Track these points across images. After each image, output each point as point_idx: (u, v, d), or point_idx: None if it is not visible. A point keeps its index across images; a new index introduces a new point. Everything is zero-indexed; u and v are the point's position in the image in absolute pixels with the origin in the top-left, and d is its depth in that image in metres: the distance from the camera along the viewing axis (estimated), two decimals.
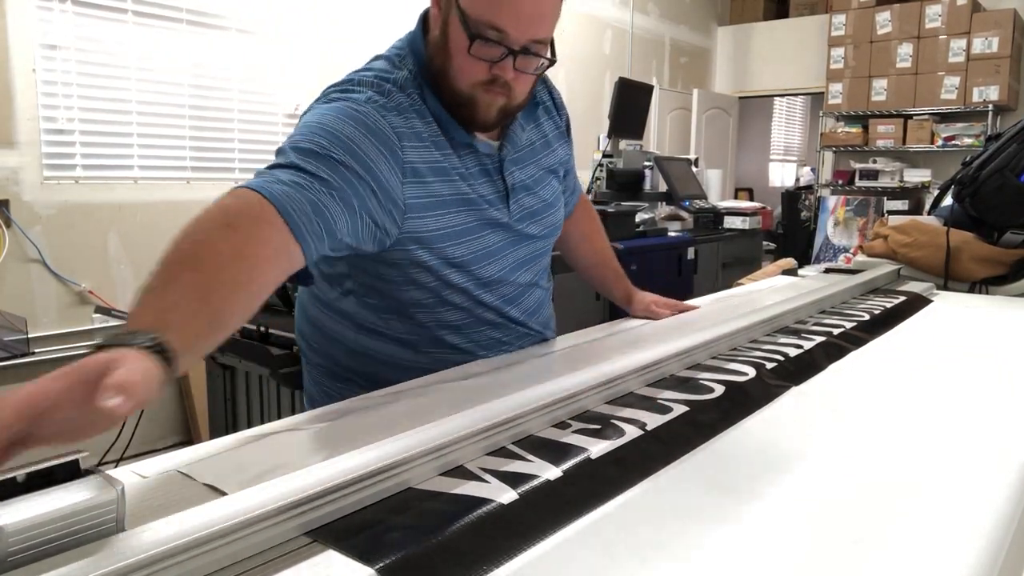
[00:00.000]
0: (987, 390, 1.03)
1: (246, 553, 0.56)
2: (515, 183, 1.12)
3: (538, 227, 1.16)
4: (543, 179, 1.17)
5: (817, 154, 6.90)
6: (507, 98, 1.02)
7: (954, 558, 0.57)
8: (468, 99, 1.01)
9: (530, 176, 1.15)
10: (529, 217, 1.14)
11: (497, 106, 1.02)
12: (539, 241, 1.18)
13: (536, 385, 0.87)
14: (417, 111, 1.01)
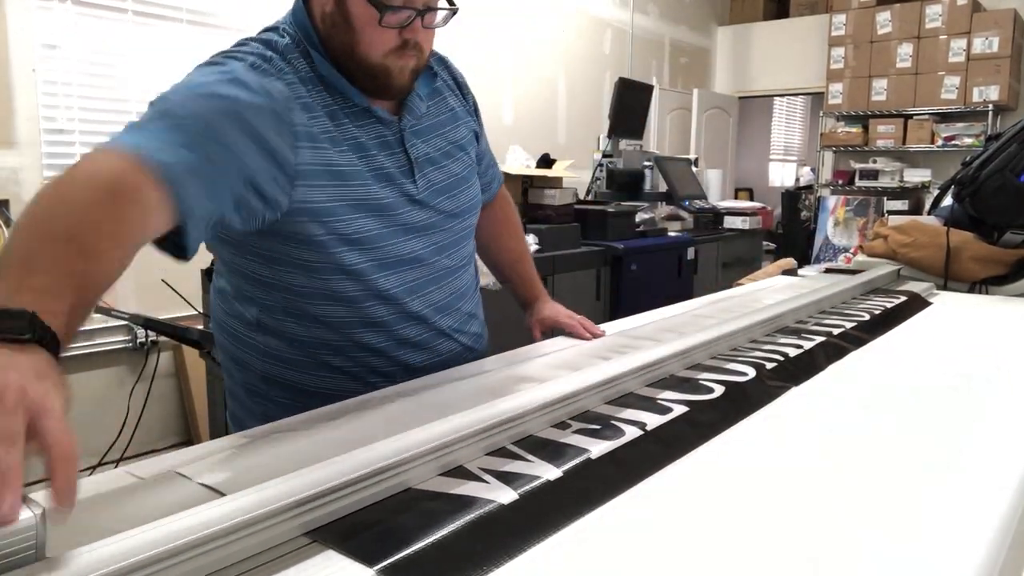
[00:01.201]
0: (987, 390, 1.03)
1: (246, 553, 0.56)
2: (419, 156, 1.06)
3: (452, 203, 1.10)
4: (452, 153, 1.12)
5: (817, 154, 6.90)
6: (417, 59, 1.02)
7: (954, 558, 0.57)
8: (382, 69, 0.99)
9: (437, 149, 1.10)
10: (440, 193, 1.08)
11: (409, 68, 1.01)
12: (456, 220, 1.11)
13: (536, 385, 0.87)
14: (302, 79, 0.97)
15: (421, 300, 1.07)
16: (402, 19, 0.97)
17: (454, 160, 1.12)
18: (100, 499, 0.60)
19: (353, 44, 0.98)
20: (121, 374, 3.28)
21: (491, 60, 4.73)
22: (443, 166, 1.10)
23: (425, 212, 1.06)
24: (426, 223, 1.06)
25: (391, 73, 1.00)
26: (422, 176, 1.06)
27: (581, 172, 4.40)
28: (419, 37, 0.99)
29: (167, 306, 3.05)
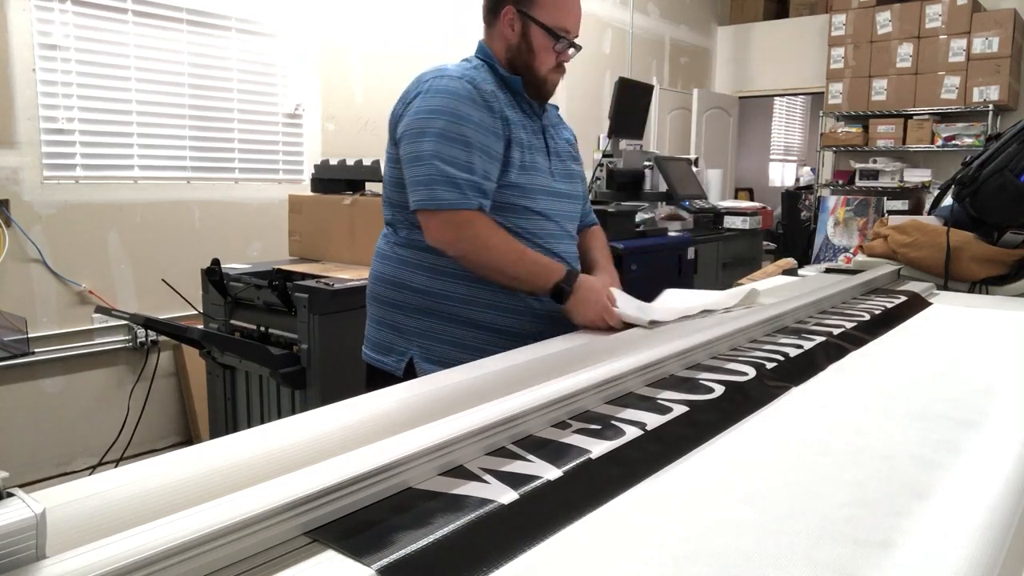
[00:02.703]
0: (987, 390, 1.03)
1: (246, 553, 0.56)
2: (552, 145, 1.55)
3: (567, 184, 1.55)
4: (568, 155, 1.60)
5: (817, 154, 6.90)
6: (562, 76, 1.54)
7: (954, 558, 0.57)
8: (543, 80, 1.51)
9: (558, 146, 1.57)
10: (560, 175, 1.53)
11: (557, 81, 1.53)
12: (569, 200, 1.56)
13: (536, 385, 0.87)
14: (496, 83, 1.47)
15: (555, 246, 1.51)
16: (564, 47, 1.49)
17: (569, 159, 1.60)
18: (100, 499, 0.60)
19: (531, 62, 1.49)
20: (121, 374, 3.29)
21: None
22: (563, 159, 1.57)
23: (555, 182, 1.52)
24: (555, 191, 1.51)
25: (548, 83, 1.52)
26: (555, 155, 1.55)
27: None
28: (567, 60, 1.52)
29: (167, 306, 3.05)
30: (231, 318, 2.57)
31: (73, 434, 3.13)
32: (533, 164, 1.47)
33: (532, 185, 1.46)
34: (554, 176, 1.52)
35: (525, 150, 1.46)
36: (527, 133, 1.48)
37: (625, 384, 0.96)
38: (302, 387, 2.32)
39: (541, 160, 1.49)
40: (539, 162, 1.49)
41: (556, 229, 1.51)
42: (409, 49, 4.28)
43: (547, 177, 1.50)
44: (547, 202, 1.49)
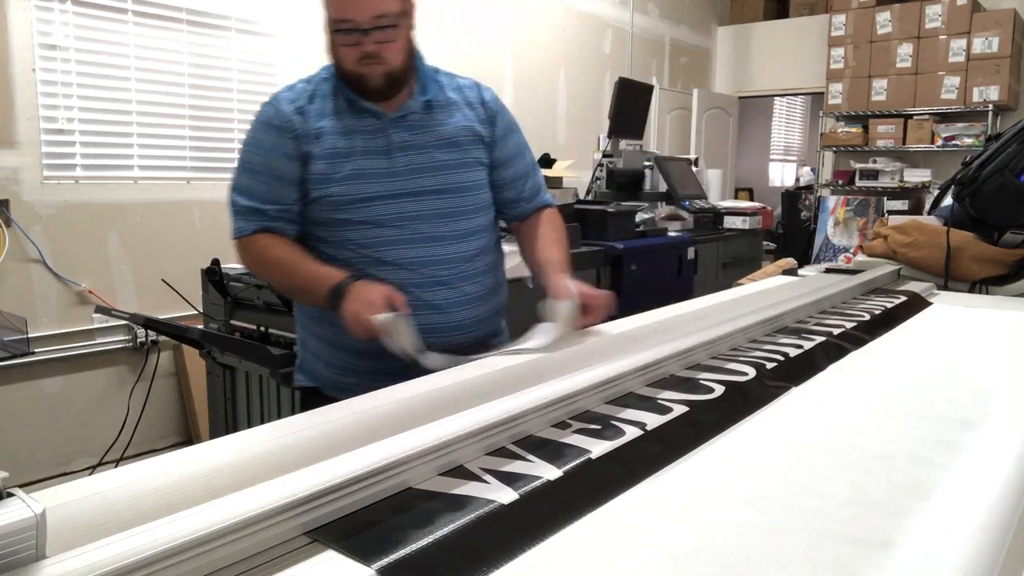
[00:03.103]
0: (987, 390, 1.03)
1: (246, 553, 0.56)
2: (404, 141, 1.40)
3: (430, 181, 1.40)
4: (442, 146, 1.42)
5: (817, 154, 6.90)
6: (384, 67, 1.34)
7: (954, 558, 0.57)
8: (355, 75, 1.36)
9: (419, 139, 1.41)
10: (417, 172, 1.40)
11: (379, 74, 1.35)
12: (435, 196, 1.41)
13: (536, 385, 0.87)
14: (321, 92, 1.41)
15: (394, 252, 1.39)
16: (351, 39, 1.33)
17: (442, 151, 1.42)
18: (100, 499, 0.60)
19: (338, 60, 1.38)
20: (121, 374, 3.29)
21: (491, 60, 4.73)
22: (427, 152, 1.41)
23: (401, 182, 1.39)
24: (399, 192, 1.39)
25: (363, 77, 1.35)
26: (402, 156, 1.40)
27: (581, 172, 4.40)
28: (372, 49, 1.32)
29: (167, 306, 3.05)
30: (231, 318, 2.57)
31: (73, 434, 3.13)
32: (359, 171, 1.37)
33: (354, 194, 1.37)
34: (400, 176, 1.39)
35: (341, 159, 1.37)
36: (353, 139, 1.38)
37: (625, 384, 0.96)
38: None
39: (376, 163, 1.38)
40: (370, 166, 1.38)
41: (397, 234, 1.38)
42: None
43: (383, 180, 1.38)
44: (381, 207, 1.38)
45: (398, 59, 1.36)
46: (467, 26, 4.59)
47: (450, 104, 1.47)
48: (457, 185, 1.43)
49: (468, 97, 1.50)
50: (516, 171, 1.54)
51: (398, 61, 1.36)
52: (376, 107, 1.39)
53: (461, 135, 1.45)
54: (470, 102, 1.49)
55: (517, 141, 1.56)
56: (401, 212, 1.39)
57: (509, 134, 1.53)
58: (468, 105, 1.49)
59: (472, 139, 1.46)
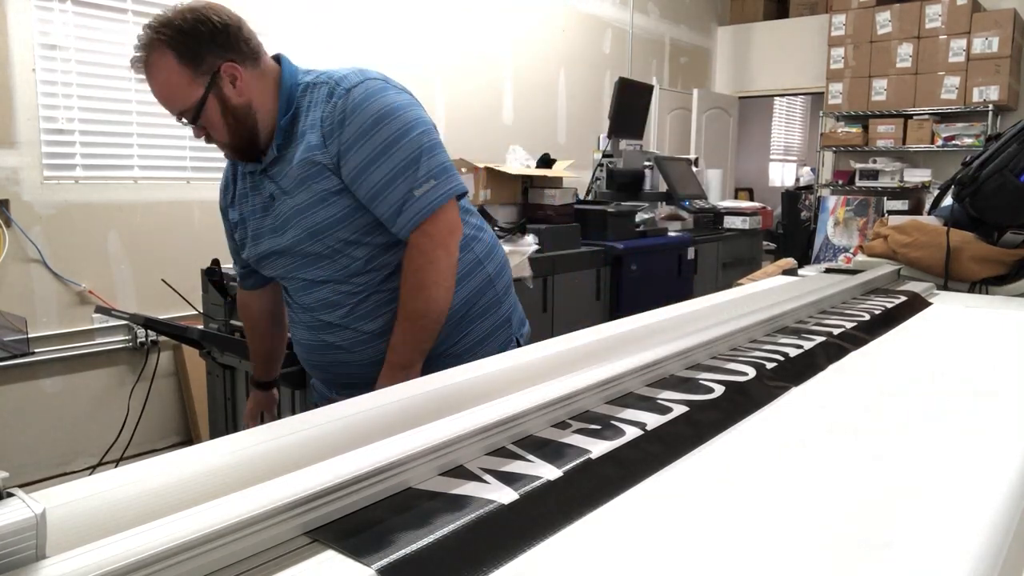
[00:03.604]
0: (987, 390, 1.03)
1: (246, 553, 0.56)
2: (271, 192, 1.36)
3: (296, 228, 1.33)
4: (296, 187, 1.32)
5: (817, 154, 6.90)
6: (221, 144, 1.36)
7: (955, 558, 0.57)
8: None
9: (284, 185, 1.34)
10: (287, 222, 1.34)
11: (226, 149, 1.38)
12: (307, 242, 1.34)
13: (536, 385, 0.87)
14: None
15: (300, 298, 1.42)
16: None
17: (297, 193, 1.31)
18: (100, 499, 0.60)
19: None
20: (121, 374, 3.29)
21: (491, 60, 4.73)
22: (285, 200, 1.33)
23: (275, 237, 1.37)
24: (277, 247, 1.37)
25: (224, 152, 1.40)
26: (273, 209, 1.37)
27: (581, 172, 4.40)
28: (200, 135, 1.35)
29: (167, 306, 3.05)
30: (231, 318, 2.57)
31: (73, 434, 3.13)
32: (257, 232, 1.41)
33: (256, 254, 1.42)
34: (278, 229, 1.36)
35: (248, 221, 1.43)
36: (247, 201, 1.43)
37: (625, 384, 0.96)
38: (302, 387, 2.32)
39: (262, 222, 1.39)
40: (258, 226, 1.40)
41: (291, 285, 1.42)
42: (406, 51, 4.28)
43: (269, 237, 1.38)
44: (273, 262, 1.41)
45: (222, 135, 1.33)
46: (467, 26, 4.59)
47: (300, 134, 1.31)
48: (317, 226, 1.30)
49: (315, 116, 1.29)
50: (370, 187, 1.26)
51: (224, 136, 1.33)
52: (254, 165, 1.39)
53: (303, 170, 1.29)
54: (314, 122, 1.29)
55: (373, 146, 1.24)
56: (287, 264, 1.38)
57: (361, 140, 1.25)
58: (312, 127, 1.29)
59: (314, 170, 1.28)
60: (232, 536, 0.54)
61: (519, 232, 3.08)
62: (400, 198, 1.25)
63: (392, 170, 1.24)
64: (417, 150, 1.25)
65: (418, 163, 1.26)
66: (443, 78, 4.36)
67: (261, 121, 1.32)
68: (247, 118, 1.30)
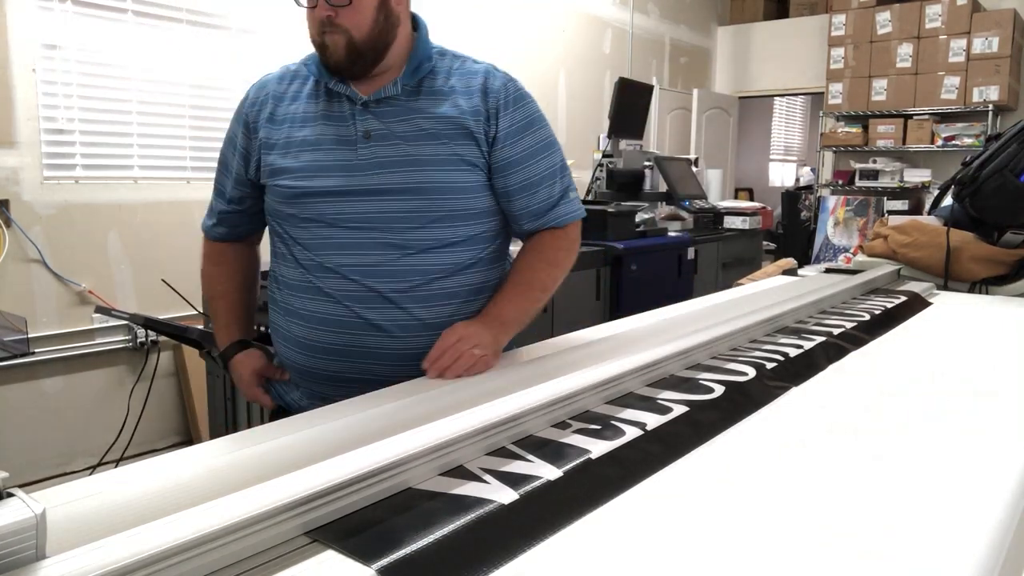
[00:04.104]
0: (987, 390, 1.03)
1: (246, 553, 0.56)
2: (371, 129, 1.20)
3: (397, 177, 1.19)
4: (421, 138, 1.20)
5: (817, 154, 6.90)
6: (345, 36, 1.16)
7: (955, 558, 0.57)
8: (320, 46, 1.18)
9: (401, 129, 1.20)
10: (382, 167, 1.19)
11: (340, 45, 1.16)
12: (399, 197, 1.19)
13: (536, 385, 0.87)
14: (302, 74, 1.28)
15: (337, 258, 1.20)
16: (311, 2, 1.16)
17: (422, 144, 1.20)
18: (100, 499, 0.60)
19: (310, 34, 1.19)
20: (121, 374, 3.29)
21: (490, 60, 4.73)
22: (397, 145, 1.20)
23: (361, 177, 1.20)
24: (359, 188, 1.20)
25: (326, 49, 1.17)
26: (367, 148, 1.20)
27: (581, 172, 4.39)
28: (325, 14, 1.14)
29: (167, 306, 3.05)
30: None
31: (73, 434, 3.13)
32: (315, 163, 1.21)
33: (303, 187, 1.20)
34: (362, 170, 1.19)
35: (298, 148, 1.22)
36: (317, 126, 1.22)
37: (625, 384, 0.96)
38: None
39: (338, 155, 1.20)
40: (329, 158, 1.21)
41: (348, 237, 1.19)
42: None
43: (342, 175, 1.19)
44: (333, 205, 1.20)
45: (362, 27, 1.16)
46: (467, 26, 4.59)
47: (444, 91, 1.24)
48: (430, 184, 1.20)
49: (471, 85, 1.26)
50: (524, 178, 1.26)
51: (362, 29, 1.16)
52: (349, 89, 1.21)
53: (444, 127, 1.21)
54: (470, 90, 1.26)
55: (532, 142, 1.28)
56: (356, 212, 1.19)
57: (522, 133, 1.27)
58: (467, 94, 1.25)
59: (458, 132, 1.22)
60: (232, 536, 0.54)
61: None
62: (559, 193, 1.30)
63: (551, 168, 1.29)
64: (563, 161, 1.33)
65: (566, 171, 1.33)
66: None
67: (394, 48, 1.21)
68: (390, 30, 1.20)
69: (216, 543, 0.54)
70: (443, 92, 1.24)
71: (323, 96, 1.23)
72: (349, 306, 1.19)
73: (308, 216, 1.21)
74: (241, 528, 0.55)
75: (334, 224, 1.20)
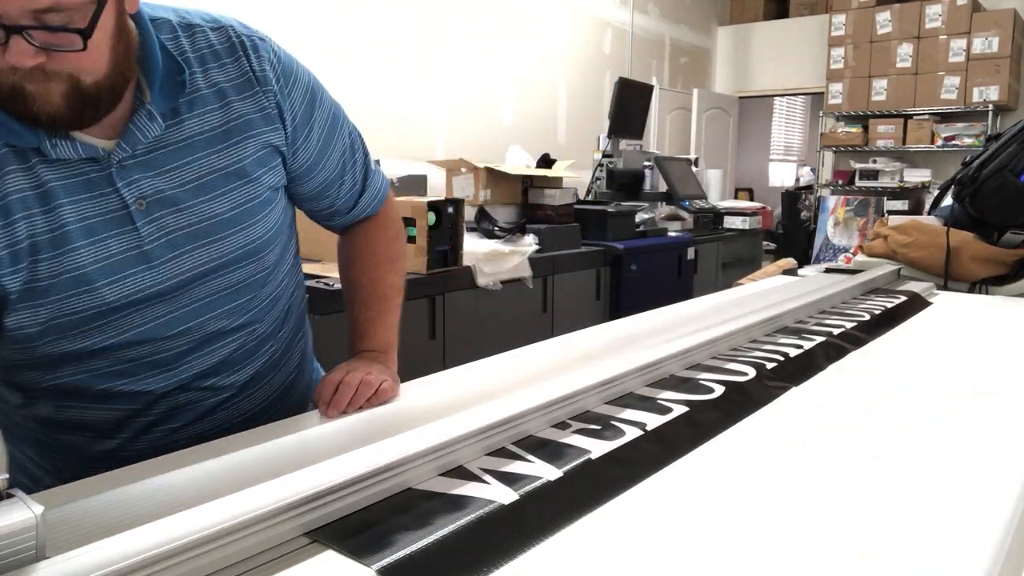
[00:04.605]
0: (987, 390, 1.03)
1: (246, 553, 0.56)
2: (145, 195, 0.80)
3: (207, 253, 0.85)
4: (217, 185, 0.84)
5: (817, 154, 6.90)
6: (67, 82, 0.71)
7: (955, 558, 0.57)
8: (12, 92, 0.70)
9: (184, 181, 0.82)
10: (180, 244, 0.83)
11: (57, 94, 0.71)
12: (213, 275, 0.86)
13: (536, 385, 0.87)
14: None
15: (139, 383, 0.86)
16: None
17: (220, 195, 0.85)
18: (100, 499, 0.60)
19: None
20: None
21: (490, 60, 4.73)
22: (192, 206, 0.83)
23: (155, 272, 0.82)
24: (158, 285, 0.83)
25: (28, 97, 0.71)
26: (151, 223, 0.81)
27: (581, 172, 4.40)
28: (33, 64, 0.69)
29: None
30: None
31: None
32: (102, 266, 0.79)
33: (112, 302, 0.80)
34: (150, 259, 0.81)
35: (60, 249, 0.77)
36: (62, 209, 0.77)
37: (625, 384, 0.96)
38: None
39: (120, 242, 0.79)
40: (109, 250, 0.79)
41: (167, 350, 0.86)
42: (406, 52, 4.28)
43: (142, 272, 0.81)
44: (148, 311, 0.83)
45: (97, 67, 0.73)
46: (466, 26, 4.59)
47: (208, 97, 0.85)
48: (254, 243, 0.89)
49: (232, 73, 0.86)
50: (325, 176, 0.98)
51: (97, 70, 0.73)
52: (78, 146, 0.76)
53: (244, 156, 0.87)
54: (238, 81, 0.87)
55: (321, 124, 0.95)
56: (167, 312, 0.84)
57: (308, 117, 0.94)
58: (236, 88, 0.86)
59: (264, 155, 0.89)
60: (232, 536, 0.55)
61: (519, 232, 3.07)
62: (361, 176, 1.03)
63: (345, 147, 1.00)
64: (353, 129, 1.04)
65: (357, 140, 1.04)
66: (442, 78, 4.36)
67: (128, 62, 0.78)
68: (129, 51, 0.77)
69: (216, 543, 0.54)
70: (208, 99, 0.84)
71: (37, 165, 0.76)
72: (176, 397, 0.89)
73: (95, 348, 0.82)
74: (241, 528, 0.55)
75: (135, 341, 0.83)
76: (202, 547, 0.53)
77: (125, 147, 0.79)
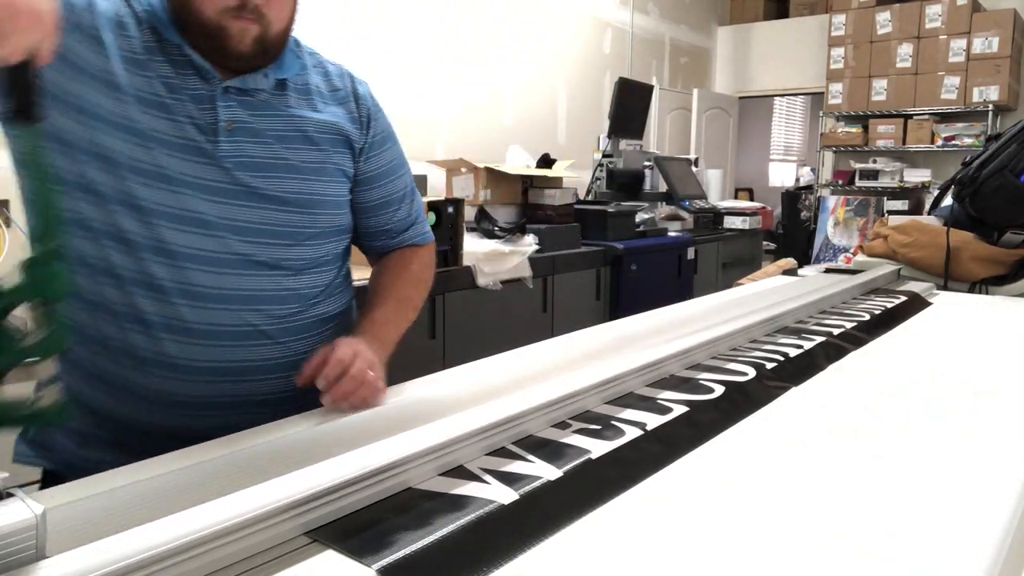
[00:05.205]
0: (987, 390, 1.03)
1: (246, 553, 0.56)
2: (235, 119, 0.93)
3: (265, 182, 0.96)
4: (293, 140, 0.99)
5: (817, 154, 6.90)
6: (261, 26, 0.91)
7: (955, 558, 0.57)
8: (216, 29, 0.89)
9: (270, 127, 0.97)
10: (249, 168, 0.94)
11: (251, 35, 0.91)
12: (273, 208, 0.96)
13: (536, 385, 0.87)
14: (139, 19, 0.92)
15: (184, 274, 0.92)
16: None
17: (294, 148, 0.99)
18: (100, 499, 0.60)
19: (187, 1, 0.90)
20: None
21: (490, 60, 4.73)
22: (270, 145, 0.97)
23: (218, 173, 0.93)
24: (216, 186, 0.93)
25: (228, 35, 0.90)
26: (231, 143, 0.93)
27: (581, 172, 4.40)
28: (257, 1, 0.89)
29: None
30: None
31: None
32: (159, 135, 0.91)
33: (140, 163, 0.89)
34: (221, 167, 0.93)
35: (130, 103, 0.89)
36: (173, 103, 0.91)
37: (625, 384, 0.96)
38: None
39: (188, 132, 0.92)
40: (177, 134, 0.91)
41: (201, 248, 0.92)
42: (406, 52, 4.28)
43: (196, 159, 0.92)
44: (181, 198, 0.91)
45: (283, 18, 0.95)
46: (466, 26, 4.59)
47: (311, 91, 1.05)
48: (309, 197, 1.00)
49: (337, 86, 1.09)
50: (387, 193, 1.13)
51: (282, 21, 0.95)
52: (207, 63, 0.92)
53: (322, 132, 1.03)
54: (339, 93, 1.08)
55: (394, 155, 1.15)
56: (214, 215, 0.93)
57: (385, 144, 1.14)
58: (336, 96, 1.08)
59: (337, 140, 1.05)
60: (232, 536, 0.55)
61: (519, 232, 3.07)
62: (414, 216, 1.19)
63: (408, 186, 1.18)
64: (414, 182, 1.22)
65: (416, 193, 1.22)
66: (442, 78, 4.36)
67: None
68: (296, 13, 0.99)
69: (216, 543, 0.54)
70: (311, 92, 1.04)
71: (166, 58, 0.92)
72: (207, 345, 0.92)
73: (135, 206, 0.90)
74: (241, 528, 0.55)
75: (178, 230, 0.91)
76: (202, 547, 0.53)
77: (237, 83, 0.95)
